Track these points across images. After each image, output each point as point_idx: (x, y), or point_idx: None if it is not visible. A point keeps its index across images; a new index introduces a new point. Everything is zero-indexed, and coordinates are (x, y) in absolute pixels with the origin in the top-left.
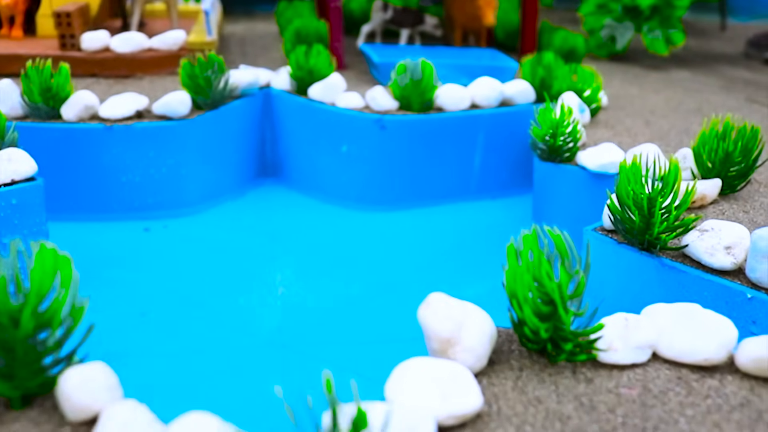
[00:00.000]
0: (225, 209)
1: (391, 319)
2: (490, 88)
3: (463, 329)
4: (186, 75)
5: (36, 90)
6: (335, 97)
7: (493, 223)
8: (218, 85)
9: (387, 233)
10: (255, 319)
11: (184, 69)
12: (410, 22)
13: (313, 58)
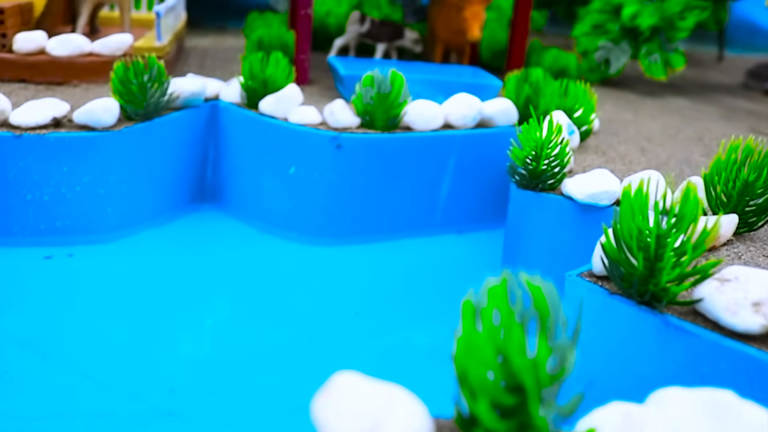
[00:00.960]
0: (147, 237)
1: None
2: (467, 105)
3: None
4: (117, 80)
5: None
6: (289, 111)
7: (457, 262)
8: (155, 93)
9: (333, 271)
10: (148, 378)
11: (116, 73)
12: (388, 37)
13: (270, 68)
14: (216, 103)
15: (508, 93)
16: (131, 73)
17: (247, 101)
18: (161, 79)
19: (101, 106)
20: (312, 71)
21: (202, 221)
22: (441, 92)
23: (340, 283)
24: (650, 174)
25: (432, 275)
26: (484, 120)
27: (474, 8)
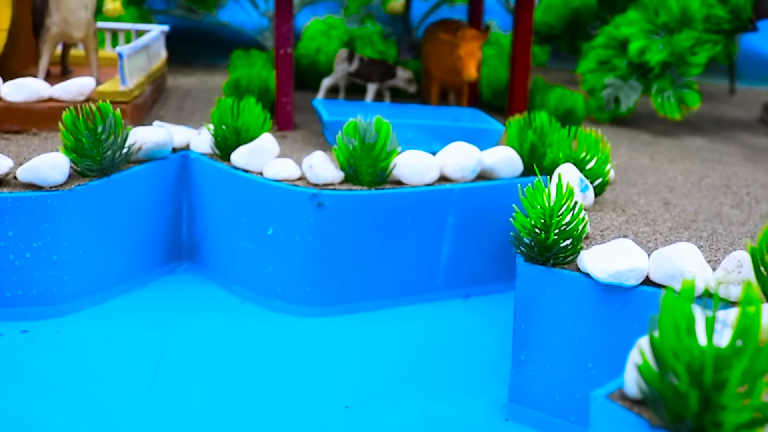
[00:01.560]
0: (112, 307)
1: None
2: (464, 156)
3: None
4: (66, 132)
5: None
6: (263, 164)
7: (463, 332)
8: (111, 145)
9: (321, 348)
10: None
11: (65, 124)
12: (378, 76)
13: (244, 114)
14: (186, 153)
15: (511, 140)
16: (81, 123)
17: (219, 152)
18: (118, 129)
19: (48, 163)
20: (300, 114)
21: (177, 286)
22: (437, 138)
23: (328, 363)
24: (686, 250)
25: (435, 349)
26: (485, 171)
27: (469, 46)
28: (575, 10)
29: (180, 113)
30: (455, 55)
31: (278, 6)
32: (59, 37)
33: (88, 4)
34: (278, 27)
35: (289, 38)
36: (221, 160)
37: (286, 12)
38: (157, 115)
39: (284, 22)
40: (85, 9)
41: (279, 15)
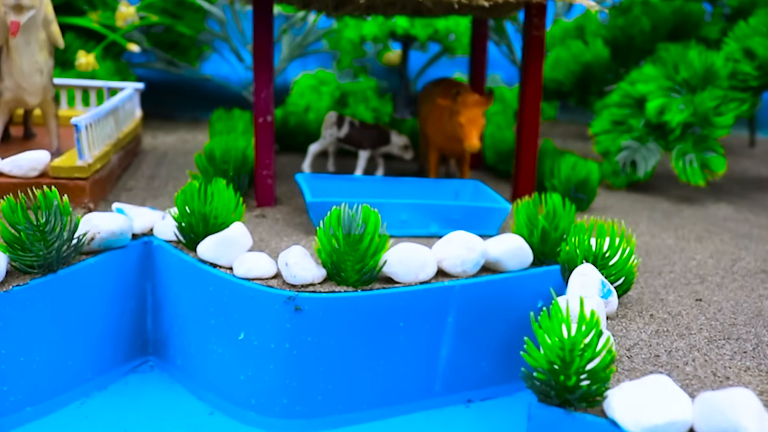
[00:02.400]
0: (63, 419)
1: None
2: (466, 248)
3: None
4: (4, 224)
5: None
6: (233, 258)
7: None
8: (57, 238)
9: None
10: None
11: (4, 213)
12: (371, 143)
13: (214, 198)
14: (150, 240)
15: (519, 226)
16: (20, 215)
17: (185, 241)
18: (65, 219)
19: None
20: (285, 183)
21: (139, 390)
22: (435, 219)
23: None
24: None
25: None
26: (490, 263)
27: (471, 112)
28: (586, 65)
29: (152, 183)
30: (456, 122)
31: (257, 68)
32: (13, 103)
33: (44, 67)
34: (257, 92)
35: (269, 104)
36: (187, 251)
37: (266, 75)
38: (125, 186)
39: (263, 86)
40: (40, 73)
41: (258, 78)
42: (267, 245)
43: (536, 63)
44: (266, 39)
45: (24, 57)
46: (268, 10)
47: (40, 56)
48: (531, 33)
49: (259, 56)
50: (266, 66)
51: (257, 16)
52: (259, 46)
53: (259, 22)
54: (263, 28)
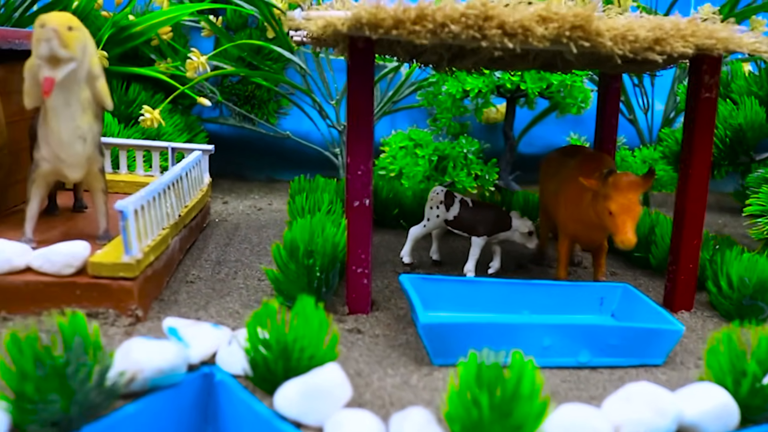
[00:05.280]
0: None
1: None
2: (654, 409)
3: None
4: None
5: None
6: (325, 416)
7: None
8: (81, 386)
9: None
10: None
11: (10, 354)
12: (487, 228)
13: (299, 323)
14: (211, 372)
15: (718, 371)
16: (29, 361)
17: (258, 381)
18: (93, 358)
19: None
20: (378, 276)
21: None
22: (586, 344)
23: None
24: None
25: None
26: (684, 428)
27: (625, 198)
28: (737, 129)
29: (218, 272)
30: (604, 208)
31: (353, 137)
32: (51, 177)
33: (87, 134)
34: (352, 168)
35: (367, 184)
36: (261, 393)
37: (364, 147)
38: (187, 277)
39: (361, 161)
40: (82, 141)
41: (354, 151)
42: (367, 385)
43: (706, 134)
44: (365, 100)
45: (62, 122)
46: (369, 63)
47: (83, 120)
48: (700, 94)
49: (355, 122)
50: (364, 135)
51: (355, 72)
52: (357, 109)
53: (356, 80)
54: (362, 88)
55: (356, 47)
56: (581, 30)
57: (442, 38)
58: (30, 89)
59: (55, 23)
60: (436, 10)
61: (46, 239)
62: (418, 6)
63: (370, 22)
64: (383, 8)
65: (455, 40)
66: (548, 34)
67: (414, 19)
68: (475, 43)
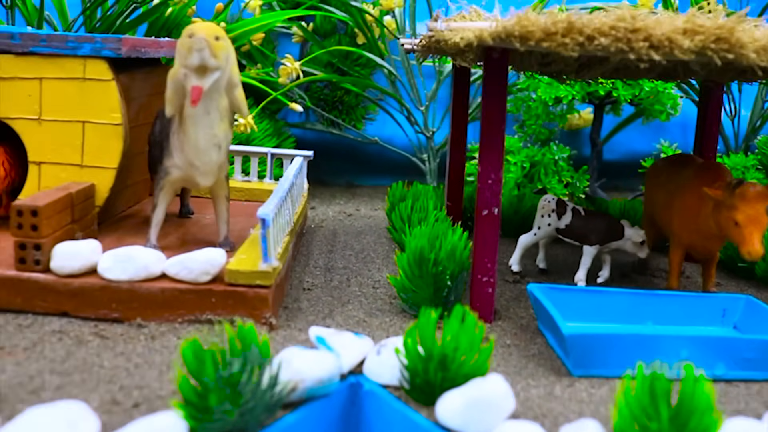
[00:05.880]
0: None
1: None
2: None
3: None
4: (185, 382)
5: None
6: (490, 427)
7: None
8: (254, 395)
9: None
10: None
11: (185, 360)
12: (600, 237)
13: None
14: (357, 381)
15: None
16: (210, 368)
17: (414, 393)
18: (263, 364)
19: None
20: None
21: None
22: (722, 357)
23: None
24: None
25: None
26: None
27: (752, 209)
28: None
29: (330, 278)
30: (728, 219)
31: (485, 146)
32: (180, 184)
33: (222, 142)
34: (483, 176)
35: (497, 193)
36: (414, 404)
37: (495, 156)
38: (302, 284)
39: (492, 170)
40: (217, 149)
41: (486, 160)
42: (515, 393)
43: None
44: (498, 110)
45: (200, 129)
46: (503, 73)
47: (220, 128)
48: None
49: (488, 131)
50: (496, 144)
51: (489, 82)
52: (489, 118)
53: (490, 89)
54: (495, 97)
55: (491, 57)
56: (725, 42)
57: (589, 50)
58: (172, 97)
59: (205, 33)
60: (586, 23)
61: (164, 246)
62: (567, 19)
63: (521, 34)
64: (534, 21)
65: (601, 52)
66: (693, 46)
67: (563, 31)
68: (620, 56)
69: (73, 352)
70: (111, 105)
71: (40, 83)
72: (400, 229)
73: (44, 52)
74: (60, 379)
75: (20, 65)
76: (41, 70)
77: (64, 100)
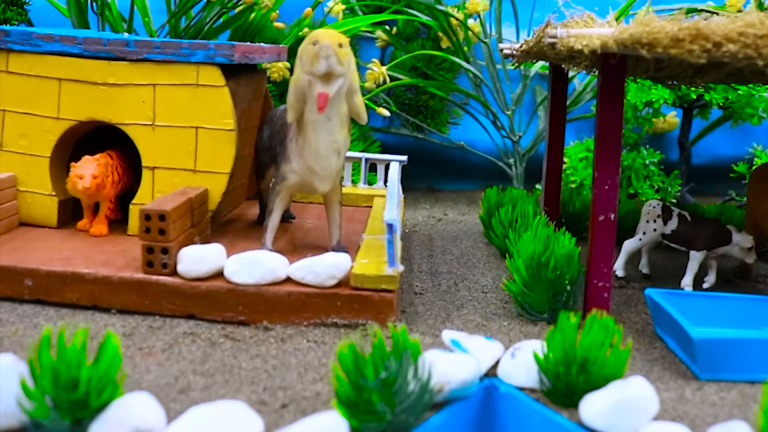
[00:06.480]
0: None
1: None
2: None
3: None
4: (346, 383)
5: (47, 384)
6: (635, 427)
7: None
8: (408, 396)
9: None
10: None
11: (342, 364)
12: (706, 242)
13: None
14: (492, 384)
15: None
16: (370, 369)
17: (552, 395)
18: (417, 367)
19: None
20: None
21: None
22: None
23: None
24: None
25: None
26: None
27: None
28: None
29: (438, 283)
30: None
31: (601, 152)
32: (296, 189)
33: (342, 148)
34: (599, 182)
35: (614, 198)
36: (554, 406)
37: (612, 162)
38: (413, 288)
39: (609, 175)
40: (337, 155)
41: (602, 166)
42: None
43: None
44: (614, 116)
45: (321, 135)
46: (620, 79)
47: (340, 134)
48: None
49: (604, 137)
50: (613, 150)
51: (605, 87)
52: (606, 123)
53: (607, 95)
54: (612, 103)
55: (608, 63)
56: None
57: (716, 57)
58: (294, 103)
59: (330, 41)
60: (714, 30)
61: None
62: (694, 25)
63: (649, 41)
64: (661, 28)
65: (728, 59)
66: None
67: (690, 38)
68: (747, 62)
69: (209, 353)
70: (224, 111)
71: (153, 89)
72: (502, 235)
73: (158, 58)
74: (204, 380)
75: (134, 72)
76: (155, 76)
77: (177, 106)
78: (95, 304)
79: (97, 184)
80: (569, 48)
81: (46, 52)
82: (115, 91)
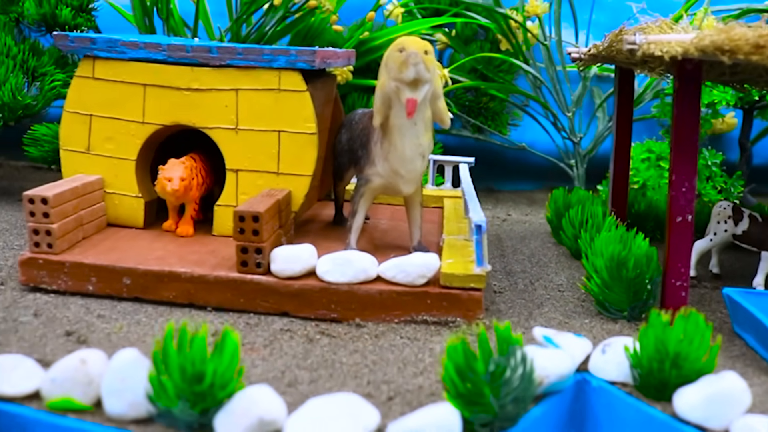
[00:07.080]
0: None
1: None
2: None
3: None
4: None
5: (176, 377)
6: (729, 419)
7: None
8: (515, 389)
9: None
10: None
11: (450, 358)
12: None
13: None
14: (583, 378)
15: None
16: (480, 362)
17: (644, 389)
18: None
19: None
20: None
21: None
22: None
23: None
24: None
25: None
26: None
27: None
28: None
29: (515, 283)
30: None
31: (678, 154)
32: (381, 191)
33: (426, 151)
34: (676, 184)
35: (691, 200)
36: (645, 399)
37: (689, 164)
38: (492, 287)
39: (686, 178)
40: (421, 158)
41: (679, 168)
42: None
43: None
44: (691, 119)
45: (407, 139)
46: (697, 84)
47: (425, 138)
48: None
49: (681, 139)
50: (690, 152)
51: (682, 92)
52: (682, 126)
53: (683, 99)
54: (688, 107)
55: (684, 69)
56: None
57: None
58: (381, 108)
59: (416, 48)
60: None
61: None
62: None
63: (730, 48)
64: (742, 34)
65: None
66: None
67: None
68: None
69: (309, 349)
70: (306, 115)
71: (236, 94)
72: (573, 235)
73: (240, 64)
74: (309, 374)
75: (217, 77)
76: (237, 81)
77: (259, 111)
78: (191, 301)
79: (185, 186)
80: (649, 54)
81: (131, 58)
82: (199, 96)
